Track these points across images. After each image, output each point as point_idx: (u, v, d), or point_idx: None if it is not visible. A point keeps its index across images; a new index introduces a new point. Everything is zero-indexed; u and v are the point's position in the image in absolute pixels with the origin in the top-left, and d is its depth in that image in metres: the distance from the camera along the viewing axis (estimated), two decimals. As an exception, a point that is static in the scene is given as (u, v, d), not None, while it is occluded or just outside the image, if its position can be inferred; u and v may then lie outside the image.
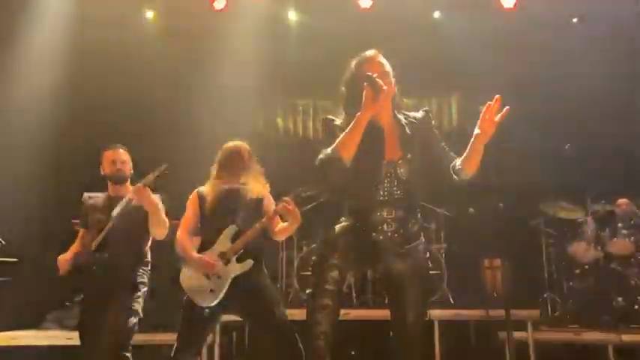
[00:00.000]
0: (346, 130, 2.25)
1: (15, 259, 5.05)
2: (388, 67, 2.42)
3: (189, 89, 6.90)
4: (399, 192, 2.38)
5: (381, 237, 2.36)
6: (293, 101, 7.60)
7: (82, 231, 3.57)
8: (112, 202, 3.45)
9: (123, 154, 3.53)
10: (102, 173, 3.54)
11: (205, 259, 3.15)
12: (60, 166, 6.01)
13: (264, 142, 7.28)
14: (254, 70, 7.05)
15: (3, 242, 4.81)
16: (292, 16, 7.27)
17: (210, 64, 6.95)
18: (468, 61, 6.86)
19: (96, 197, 3.56)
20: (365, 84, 2.23)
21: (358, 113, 2.24)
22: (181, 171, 3.80)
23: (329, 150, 2.25)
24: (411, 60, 2.52)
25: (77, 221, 3.66)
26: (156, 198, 3.29)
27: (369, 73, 2.25)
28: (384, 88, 2.24)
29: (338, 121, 2.42)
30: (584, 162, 6.43)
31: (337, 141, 2.25)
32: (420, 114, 2.54)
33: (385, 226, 2.36)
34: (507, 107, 2.23)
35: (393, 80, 2.41)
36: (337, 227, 2.37)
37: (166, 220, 3.36)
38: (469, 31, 6.85)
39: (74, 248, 3.48)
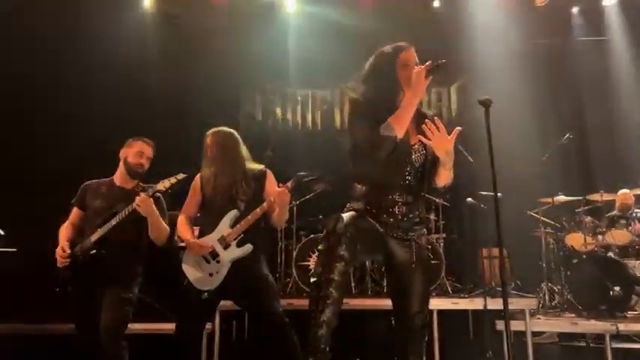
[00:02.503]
0: (400, 110, 2.32)
1: (14, 249, 5.04)
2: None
3: (187, 78, 6.87)
4: (410, 177, 2.43)
5: (391, 219, 2.40)
6: (292, 91, 7.57)
7: (75, 210, 3.41)
8: (115, 191, 3.35)
9: (150, 151, 3.42)
10: (122, 160, 3.39)
11: (196, 241, 3.17)
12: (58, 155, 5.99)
13: (263, 132, 7.27)
14: (253, 60, 7.03)
15: (2, 233, 4.81)
16: (292, 6, 7.24)
17: (209, 54, 6.92)
18: (468, 51, 6.85)
19: (97, 181, 3.44)
20: (429, 69, 2.31)
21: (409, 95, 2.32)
22: (177, 160, 3.79)
23: (381, 128, 2.29)
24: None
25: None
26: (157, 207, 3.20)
27: (443, 60, 2.32)
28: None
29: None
30: (583, 152, 6.43)
31: (390, 119, 2.30)
32: (429, 113, 2.57)
33: (396, 209, 2.40)
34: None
35: None
36: (345, 217, 2.34)
37: (167, 227, 3.30)
38: (468, 19, 6.83)
39: (64, 231, 3.34)
